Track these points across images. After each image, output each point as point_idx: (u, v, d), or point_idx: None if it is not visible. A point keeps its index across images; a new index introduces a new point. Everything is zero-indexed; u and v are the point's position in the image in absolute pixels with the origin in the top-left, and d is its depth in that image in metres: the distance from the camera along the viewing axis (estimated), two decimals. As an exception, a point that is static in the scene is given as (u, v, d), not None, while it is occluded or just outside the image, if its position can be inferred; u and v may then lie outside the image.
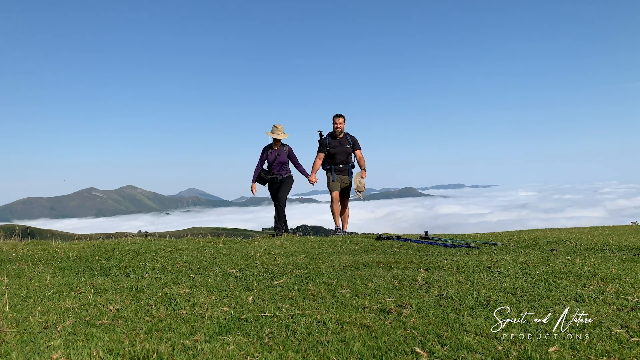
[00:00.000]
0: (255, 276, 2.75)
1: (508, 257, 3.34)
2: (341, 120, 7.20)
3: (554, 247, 3.96)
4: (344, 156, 7.24)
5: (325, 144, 7.32)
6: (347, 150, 7.24)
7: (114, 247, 4.08)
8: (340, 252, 3.85)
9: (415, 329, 1.72)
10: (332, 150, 7.23)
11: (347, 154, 7.26)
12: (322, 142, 7.40)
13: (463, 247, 4.11)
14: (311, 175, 7.43)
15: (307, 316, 1.89)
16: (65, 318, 1.88)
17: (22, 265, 3.19)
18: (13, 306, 2.07)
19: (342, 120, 7.21)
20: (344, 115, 7.39)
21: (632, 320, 1.76)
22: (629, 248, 3.82)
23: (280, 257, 3.56)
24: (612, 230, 5.67)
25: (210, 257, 3.55)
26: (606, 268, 2.79)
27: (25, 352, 1.52)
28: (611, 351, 1.49)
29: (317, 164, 7.42)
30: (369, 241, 4.71)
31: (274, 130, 7.40)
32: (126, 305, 2.06)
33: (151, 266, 3.16)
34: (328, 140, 7.29)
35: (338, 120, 7.20)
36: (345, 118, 7.34)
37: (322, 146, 7.35)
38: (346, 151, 7.23)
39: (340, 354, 1.51)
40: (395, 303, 2.06)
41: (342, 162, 7.28)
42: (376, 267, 3.05)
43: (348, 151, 7.26)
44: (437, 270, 2.85)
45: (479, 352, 1.50)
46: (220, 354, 1.51)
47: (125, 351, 1.52)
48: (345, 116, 7.36)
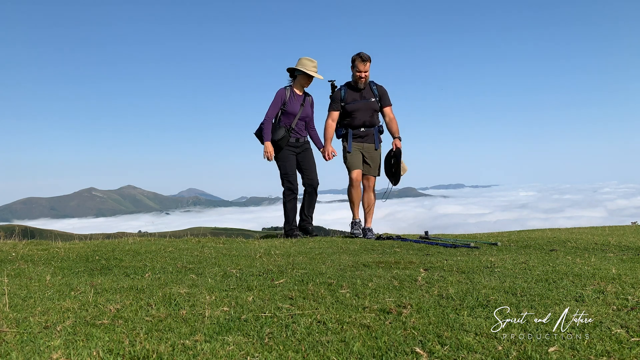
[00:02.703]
0: (255, 276, 2.75)
1: (508, 257, 3.34)
2: (367, 66, 4.89)
3: (554, 247, 3.96)
4: (367, 114, 5.04)
5: (340, 97, 5.07)
6: (373, 106, 5.04)
7: (114, 247, 4.08)
8: (340, 252, 3.85)
9: (415, 329, 1.71)
10: (350, 107, 5.00)
11: (372, 111, 5.05)
12: (335, 95, 5.12)
13: (463, 247, 4.11)
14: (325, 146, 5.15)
15: (307, 316, 1.89)
16: (65, 318, 1.88)
17: (22, 265, 3.19)
18: (13, 306, 2.06)
19: (368, 66, 4.90)
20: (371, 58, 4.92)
21: (632, 320, 1.76)
22: (629, 248, 3.82)
23: (280, 257, 3.56)
24: (612, 230, 5.67)
25: (210, 257, 3.55)
26: (606, 268, 2.79)
27: (25, 352, 1.52)
28: (611, 351, 1.49)
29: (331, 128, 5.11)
30: (369, 241, 4.71)
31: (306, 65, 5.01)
32: (126, 305, 2.06)
33: (151, 266, 3.15)
34: (344, 93, 5.06)
35: (363, 65, 4.87)
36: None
37: (335, 101, 5.08)
38: (371, 107, 5.03)
39: (340, 354, 1.51)
40: (395, 303, 2.06)
41: (365, 124, 5.07)
42: (376, 267, 3.04)
43: (374, 107, 5.05)
44: (437, 270, 2.85)
45: (479, 352, 1.50)
46: (220, 354, 1.51)
47: (125, 351, 1.52)
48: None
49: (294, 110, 5.05)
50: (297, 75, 5.14)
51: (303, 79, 5.10)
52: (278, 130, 5.00)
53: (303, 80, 5.10)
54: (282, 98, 5.04)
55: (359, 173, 5.07)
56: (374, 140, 5.12)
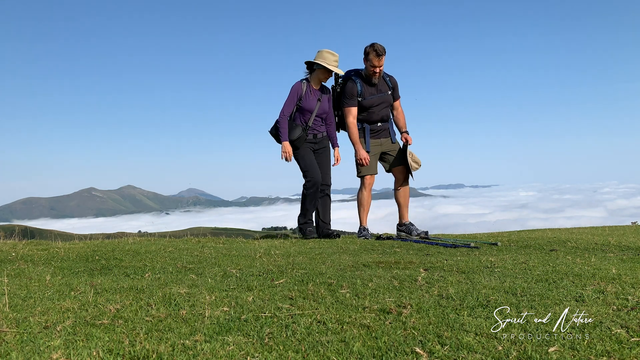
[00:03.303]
0: (255, 276, 2.75)
1: (508, 257, 3.34)
2: (382, 60, 4.52)
3: (554, 247, 3.96)
4: (384, 109, 4.78)
5: (356, 92, 4.66)
6: (389, 99, 4.78)
7: (114, 247, 4.08)
8: (340, 252, 3.85)
9: (415, 329, 1.71)
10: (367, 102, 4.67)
11: (388, 104, 4.80)
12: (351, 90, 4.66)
13: (463, 247, 4.11)
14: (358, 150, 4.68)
15: (307, 316, 1.89)
16: (65, 318, 1.88)
17: (22, 265, 3.19)
18: (13, 306, 2.06)
19: (383, 60, 4.52)
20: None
21: (632, 320, 1.76)
22: (629, 248, 3.82)
23: (280, 257, 3.56)
24: (612, 230, 5.67)
25: (210, 257, 3.55)
26: (606, 268, 2.79)
27: (25, 352, 1.52)
28: (611, 351, 1.49)
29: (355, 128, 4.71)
30: (369, 241, 4.71)
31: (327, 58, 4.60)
32: (126, 305, 2.06)
33: (151, 266, 3.15)
34: (360, 87, 4.67)
35: (378, 60, 4.50)
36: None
37: (352, 96, 4.65)
38: (387, 100, 4.77)
39: (340, 354, 1.51)
40: (395, 303, 2.06)
41: (383, 119, 4.82)
42: (376, 267, 3.04)
43: (390, 100, 4.79)
44: (437, 270, 2.85)
45: (479, 352, 1.50)
46: (220, 354, 1.50)
47: (125, 351, 1.52)
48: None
49: (310, 106, 4.68)
50: (316, 68, 4.71)
51: (322, 73, 4.69)
52: (295, 129, 4.67)
53: (322, 74, 4.69)
54: (298, 93, 4.67)
55: (372, 178, 4.83)
56: (389, 134, 4.87)
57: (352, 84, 4.68)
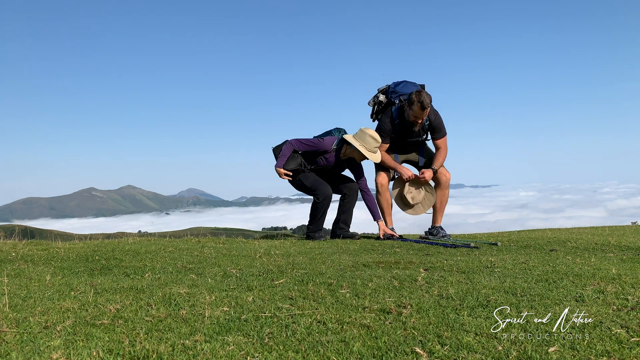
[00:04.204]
0: (255, 276, 2.75)
1: (508, 257, 3.34)
2: (426, 113, 4.39)
3: (554, 247, 3.96)
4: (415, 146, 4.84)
5: (389, 131, 4.61)
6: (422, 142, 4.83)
7: (114, 247, 4.08)
8: (340, 252, 3.85)
9: (415, 329, 1.71)
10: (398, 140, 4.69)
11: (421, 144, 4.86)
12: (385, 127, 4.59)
13: (463, 247, 4.11)
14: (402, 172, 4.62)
15: (307, 316, 1.89)
16: (65, 318, 1.88)
17: (22, 265, 3.19)
18: (13, 306, 2.06)
19: (426, 113, 4.40)
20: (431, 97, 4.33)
21: (632, 320, 1.76)
22: (629, 248, 3.82)
23: (280, 257, 3.56)
24: (612, 230, 5.67)
25: (210, 257, 3.55)
26: (606, 268, 2.79)
27: (25, 352, 1.52)
28: (611, 351, 1.49)
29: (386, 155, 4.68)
30: (369, 241, 4.71)
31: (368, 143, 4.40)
32: (126, 305, 2.06)
33: (151, 266, 3.15)
34: (397, 122, 4.57)
35: (421, 113, 4.37)
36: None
37: (385, 134, 4.62)
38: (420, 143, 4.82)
39: (340, 354, 1.51)
40: (395, 303, 2.06)
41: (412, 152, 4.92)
42: (376, 267, 3.04)
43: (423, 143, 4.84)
44: (437, 270, 2.85)
45: (479, 352, 1.50)
46: (220, 354, 1.50)
47: (125, 351, 1.52)
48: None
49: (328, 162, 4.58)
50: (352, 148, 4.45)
51: (357, 154, 4.45)
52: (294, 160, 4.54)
53: (357, 155, 4.46)
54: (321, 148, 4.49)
55: (384, 177, 4.79)
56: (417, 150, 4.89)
57: (388, 122, 4.61)
